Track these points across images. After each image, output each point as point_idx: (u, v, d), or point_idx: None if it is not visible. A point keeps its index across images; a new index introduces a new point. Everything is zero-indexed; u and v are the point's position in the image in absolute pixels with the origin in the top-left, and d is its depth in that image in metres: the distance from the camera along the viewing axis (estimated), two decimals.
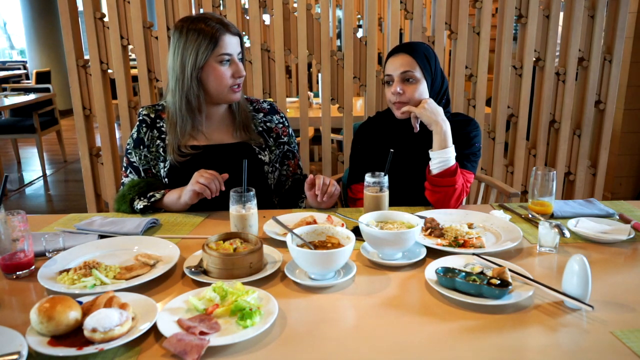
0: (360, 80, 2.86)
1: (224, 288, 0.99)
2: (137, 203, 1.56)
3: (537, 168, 1.42)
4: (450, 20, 2.79)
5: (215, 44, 1.50)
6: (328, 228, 1.22)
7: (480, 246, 1.27)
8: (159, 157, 1.64)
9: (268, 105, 1.78)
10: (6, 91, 6.10)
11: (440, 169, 1.55)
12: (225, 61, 1.54)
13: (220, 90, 1.57)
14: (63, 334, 0.88)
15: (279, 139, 1.74)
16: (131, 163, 1.65)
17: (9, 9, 13.11)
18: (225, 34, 1.52)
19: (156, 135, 1.64)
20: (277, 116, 1.77)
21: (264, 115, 1.75)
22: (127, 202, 1.57)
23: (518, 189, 3.02)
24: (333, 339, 0.91)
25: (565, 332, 0.92)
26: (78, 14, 2.76)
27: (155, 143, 1.64)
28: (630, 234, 1.33)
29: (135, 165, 1.65)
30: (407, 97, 1.61)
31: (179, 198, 1.52)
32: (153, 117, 1.66)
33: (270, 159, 1.70)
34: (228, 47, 1.53)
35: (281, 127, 1.75)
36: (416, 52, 1.62)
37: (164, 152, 1.63)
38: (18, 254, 1.15)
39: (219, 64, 1.53)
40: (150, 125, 1.65)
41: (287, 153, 1.77)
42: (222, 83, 1.55)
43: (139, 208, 1.55)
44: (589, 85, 2.93)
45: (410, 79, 1.61)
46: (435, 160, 1.56)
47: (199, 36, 1.50)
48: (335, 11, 5.97)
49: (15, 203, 4.37)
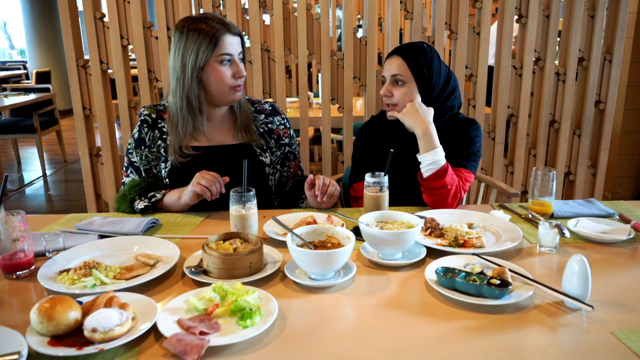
0: (360, 80, 2.86)
1: (224, 288, 0.99)
2: (138, 203, 1.56)
3: (537, 168, 1.42)
4: (450, 20, 2.79)
5: (216, 44, 1.50)
6: (328, 228, 1.22)
7: (480, 246, 1.27)
8: (160, 157, 1.64)
9: (269, 106, 1.78)
10: (6, 91, 6.10)
11: (431, 172, 1.55)
12: (225, 61, 1.54)
13: (221, 90, 1.57)
14: (63, 334, 0.88)
15: (280, 141, 1.74)
16: (132, 163, 1.65)
17: (9, 9, 13.11)
18: (226, 34, 1.52)
19: (157, 135, 1.64)
20: (279, 117, 1.77)
21: (265, 117, 1.74)
22: (127, 202, 1.57)
23: (518, 189, 3.02)
24: (333, 339, 0.91)
25: (565, 332, 0.92)
26: (78, 14, 2.76)
27: (156, 143, 1.64)
28: (630, 234, 1.33)
29: (136, 165, 1.64)
30: (395, 99, 1.65)
31: (179, 198, 1.52)
32: (154, 117, 1.66)
33: (271, 160, 1.70)
34: (228, 47, 1.53)
35: (282, 129, 1.75)
36: (410, 55, 1.63)
37: (165, 153, 1.62)
38: (18, 254, 1.15)
39: (219, 64, 1.53)
40: (152, 126, 1.65)
41: (288, 154, 1.77)
42: (222, 83, 1.55)
43: (139, 208, 1.55)
44: (589, 85, 2.93)
45: (400, 81, 1.64)
46: (424, 164, 1.56)
47: (200, 36, 1.50)
48: (335, 11, 5.97)
49: (15, 203, 4.37)
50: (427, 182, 1.56)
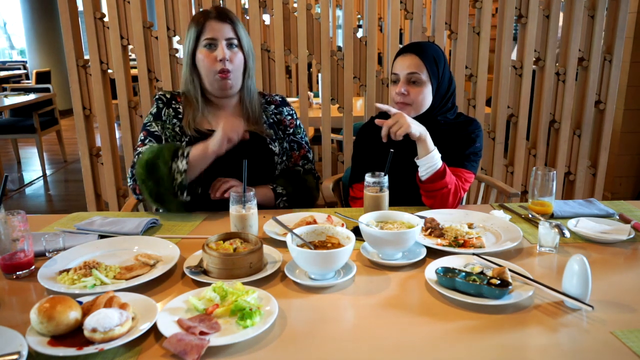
0: (360, 80, 2.86)
1: (224, 288, 0.99)
2: (178, 165, 1.44)
3: (537, 168, 1.42)
4: (450, 20, 2.79)
5: (201, 29, 1.57)
6: (328, 228, 1.22)
7: (480, 246, 1.27)
8: (175, 136, 1.63)
9: (280, 98, 1.82)
10: (6, 91, 6.10)
11: (429, 174, 1.54)
12: (209, 45, 1.57)
13: (208, 76, 1.59)
14: (63, 334, 0.88)
15: (286, 131, 1.77)
16: (151, 133, 1.63)
17: (9, 9, 13.11)
18: (211, 20, 1.57)
19: (172, 114, 1.66)
20: (287, 108, 1.80)
21: (275, 108, 1.78)
22: (164, 164, 1.44)
23: (518, 189, 3.02)
24: (333, 339, 0.91)
25: (565, 332, 0.92)
26: (78, 14, 2.76)
27: (171, 121, 1.65)
28: (630, 234, 1.33)
29: (157, 134, 1.63)
30: (411, 98, 1.62)
31: (205, 149, 1.45)
32: (169, 97, 1.70)
33: (279, 150, 1.72)
34: (211, 32, 1.57)
35: (289, 119, 1.78)
36: (425, 54, 1.62)
37: (181, 132, 1.63)
38: (18, 254, 1.15)
39: (205, 49, 1.58)
40: (167, 104, 1.68)
41: (292, 144, 1.78)
42: (208, 68, 1.58)
43: (184, 169, 1.44)
44: (589, 85, 2.93)
45: (416, 81, 1.61)
46: (422, 168, 1.55)
47: (192, 24, 1.60)
48: (335, 11, 5.97)
49: (15, 203, 4.37)
50: (428, 185, 1.55)
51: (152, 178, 1.46)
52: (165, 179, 1.45)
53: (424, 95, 1.62)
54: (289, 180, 1.71)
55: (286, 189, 1.67)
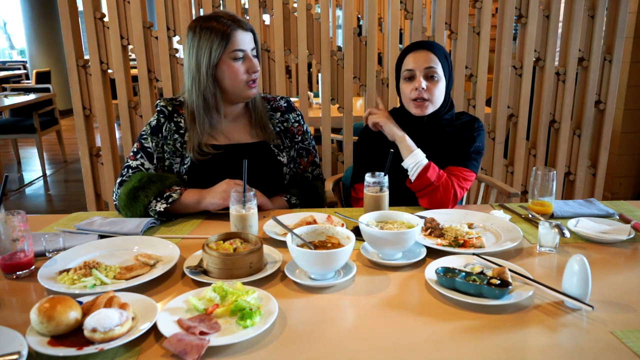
0: (360, 80, 2.86)
1: (224, 288, 0.99)
2: (155, 205, 1.47)
3: (537, 168, 1.42)
4: (450, 20, 2.79)
5: (228, 40, 1.51)
6: (328, 228, 1.22)
7: (480, 246, 1.27)
8: (175, 152, 1.61)
9: (285, 102, 1.77)
10: (6, 91, 6.10)
11: (417, 173, 1.56)
12: (238, 58, 1.54)
13: (236, 87, 1.56)
14: (63, 334, 0.88)
15: (294, 139, 1.74)
16: (145, 148, 1.60)
17: (9, 9, 13.12)
18: (237, 30, 1.52)
19: (173, 129, 1.61)
20: (294, 114, 1.76)
21: (281, 115, 1.74)
22: (140, 204, 1.47)
23: (518, 189, 3.02)
24: (333, 339, 0.91)
25: (565, 332, 0.92)
26: (78, 14, 2.76)
27: (172, 136, 1.61)
28: (630, 234, 1.33)
29: (150, 151, 1.60)
30: (429, 94, 1.61)
31: (198, 202, 1.49)
32: (170, 110, 1.63)
33: (287, 160, 1.71)
34: (240, 43, 1.53)
35: (297, 126, 1.75)
36: (438, 51, 1.62)
37: (181, 148, 1.60)
38: (18, 254, 1.15)
39: (233, 61, 1.53)
40: (168, 117, 1.62)
41: (300, 151, 1.77)
42: (237, 79, 1.55)
43: (159, 211, 1.46)
44: (589, 85, 2.93)
45: (434, 75, 1.60)
46: (410, 168, 1.58)
47: (212, 34, 1.51)
48: (335, 11, 5.97)
49: (15, 203, 4.37)
50: (416, 184, 1.57)
51: (130, 207, 1.49)
52: (139, 212, 1.48)
53: (440, 90, 1.62)
54: (301, 189, 1.71)
55: (299, 199, 1.67)
